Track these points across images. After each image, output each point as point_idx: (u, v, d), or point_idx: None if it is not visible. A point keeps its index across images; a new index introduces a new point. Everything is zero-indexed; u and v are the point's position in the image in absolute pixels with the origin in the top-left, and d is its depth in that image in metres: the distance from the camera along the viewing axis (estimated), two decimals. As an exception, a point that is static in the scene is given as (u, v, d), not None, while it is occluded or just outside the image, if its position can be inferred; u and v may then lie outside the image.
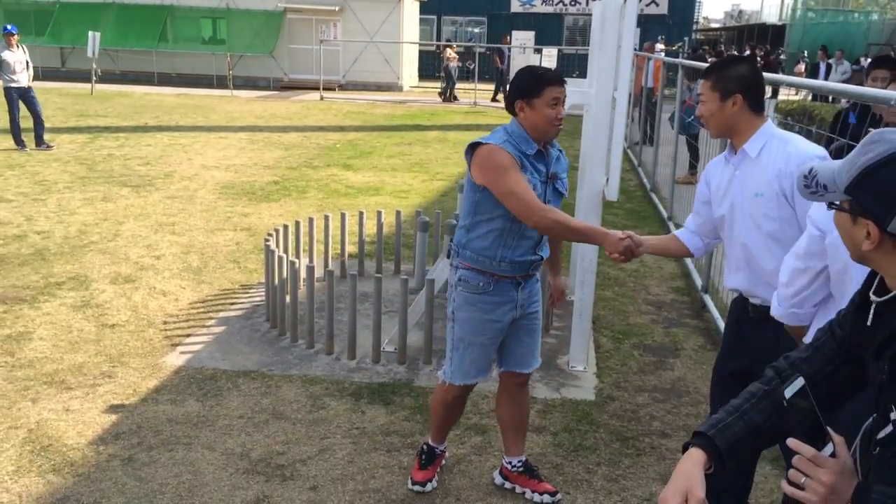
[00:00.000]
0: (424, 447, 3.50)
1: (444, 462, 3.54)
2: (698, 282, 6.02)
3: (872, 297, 1.44)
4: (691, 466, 1.53)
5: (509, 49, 22.86)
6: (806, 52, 28.74)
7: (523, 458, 3.43)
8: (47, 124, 11.51)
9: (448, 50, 22.78)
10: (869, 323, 1.42)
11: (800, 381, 1.42)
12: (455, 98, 22.36)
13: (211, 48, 25.04)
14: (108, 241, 7.03)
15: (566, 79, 3.01)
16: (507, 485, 3.44)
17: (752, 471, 2.95)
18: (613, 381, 4.54)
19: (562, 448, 3.78)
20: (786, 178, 2.51)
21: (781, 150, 2.55)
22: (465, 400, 3.40)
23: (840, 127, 4.88)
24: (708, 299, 5.70)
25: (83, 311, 5.35)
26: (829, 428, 1.41)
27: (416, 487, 3.39)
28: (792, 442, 1.39)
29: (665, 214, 8.49)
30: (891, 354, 1.35)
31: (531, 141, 2.96)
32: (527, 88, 2.93)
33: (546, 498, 3.33)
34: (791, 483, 1.37)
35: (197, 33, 25.60)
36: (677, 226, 7.86)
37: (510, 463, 3.43)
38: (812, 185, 1.42)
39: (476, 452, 3.73)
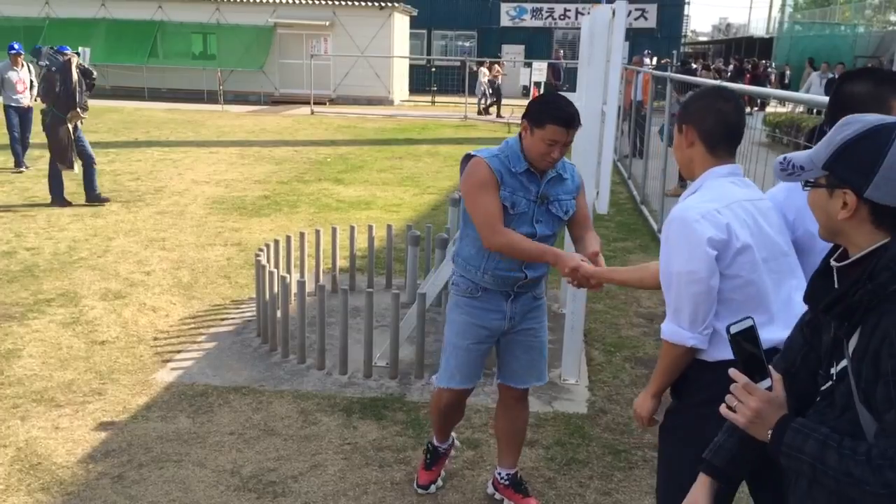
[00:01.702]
0: (429, 446, 3.55)
1: (452, 453, 3.62)
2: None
3: (832, 263, 1.56)
4: (697, 494, 1.80)
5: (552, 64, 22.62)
6: (787, 65, 29.02)
7: (512, 472, 3.43)
8: (34, 140, 11.43)
9: (496, 67, 22.78)
10: (836, 286, 1.54)
11: (748, 322, 1.56)
12: (500, 115, 22.08)
13: (201, 63, 25.06)
14: (97, 257, 7.01)
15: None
16: (497, 496, 3.46)
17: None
18: (605, 394, 4.54)
19: (554, 462, 3.77)
20: None
21: None
22: (461, 407, 3.40)
23: (816, 139, 4.93)
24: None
25: (73, 327, 5.32)
26: (770, 366, 1.59)
27: (420, 490, 3.46)
28: (732, 371, 1.57)
29: (655, 227, 8.52)
30: (837, 313, 1.48)
31: (522, 159, 2.94)
32: (535, 115, 2.87)
33: None
34: (728, 407, 1.57)
35: (187, 48, 25.61)
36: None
37: (500, 474, 3.46)
38: (788, 168, 1.54)
39: (469, 467, 3.72)
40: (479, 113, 22.45)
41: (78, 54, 9.35)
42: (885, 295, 1.41)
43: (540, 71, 21.69)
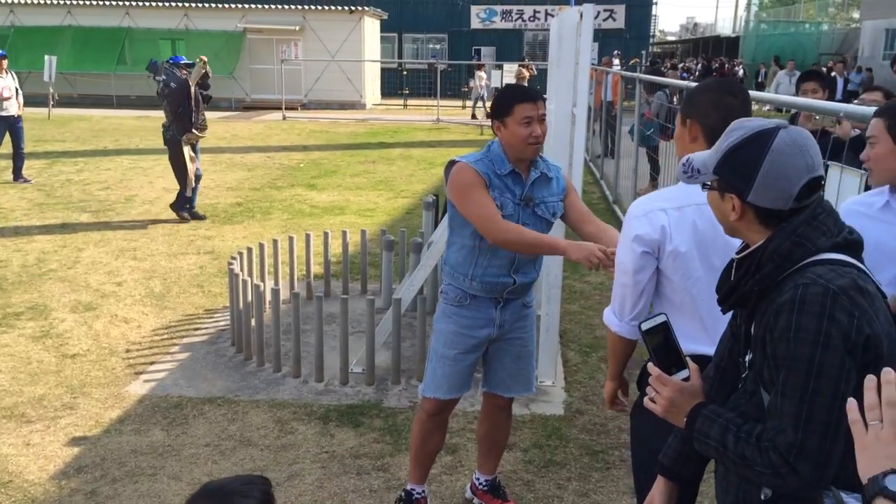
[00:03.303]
0: (402, 494, 3.37)
1: None
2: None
3: (734, 256, 1.66)
4: (653, 493, 1.88)
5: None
6: (762, 64, 29.39)
7: (491, 478, 3.43)
8: (2, 150, 11.22)
9: (523, 70, 22.36)
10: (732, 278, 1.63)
11: (660, 318, 1.66)
12: (475, 116, 21.87)
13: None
14: (67, 268, 6.91)
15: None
16: (476, 501, 3.45)
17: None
18: (582, 395, 4.56)
19: (532, 464, 3.78)
20: None
21: None
22: (444, 424, 3.29)
23: (848, 149, 4.98)
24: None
25: (42, 341, 5.23)
26: (687, 358, 1.68)
27: None
28: (648, 365, 1.68)
29: (628, 226, 8.57)
30: (732, 302, 1.60)
31: (506, 161, 2.91)
32: (499, 108, 2.89)
33: None
34: (650, 399, 1.68)
35: (156, 55, 25.23)
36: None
37: (478, 479, 3.45)
38: (689, 171, 1.62)
39: (447, 472, 3.71)
40: (473, 116, 22.06)
41: (194, 64, 8.93)
42: (771, 284, 1.52)
43: (511, 73, 21.74)
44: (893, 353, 1.48)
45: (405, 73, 28.93)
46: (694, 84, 3.26)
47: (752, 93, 4.74)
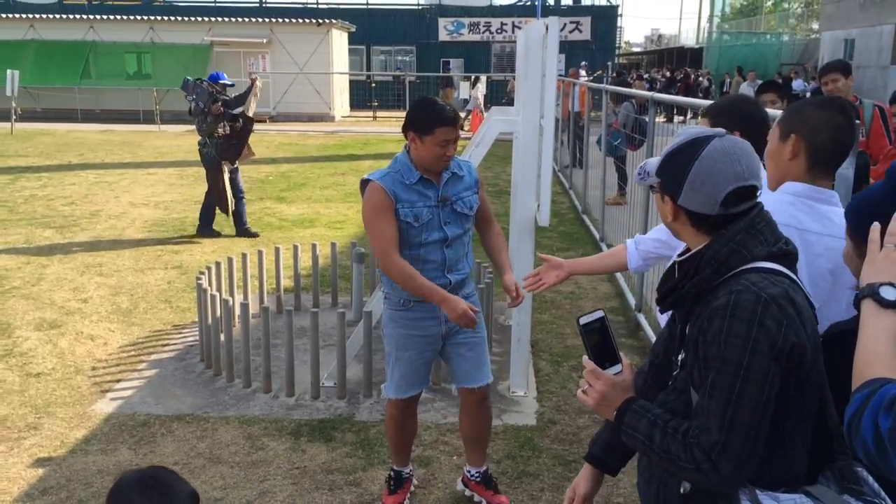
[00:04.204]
0: (391, 473, 3.54)
1: (412, 489, 3.56)
2: (632, 301, 6.14)
3: (675, 258, 1.71)
4: (579, 478, 1.96)
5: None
6: (727, 74, 29.86)
7: (482, 469, 3.53)
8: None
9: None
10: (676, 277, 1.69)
11: (598, 314, 1.71)
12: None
13: (136, 83, 24.54)
14: (31, 285, 6.77)
15: (500, 107, 3.09)
16: (468, 492, 3.55)
17: None
18: (554, 405, 4.58)
19: (506, 476, 3.77)
20: None
21: None
22: (413, 415, 3.46)
23: None
24: (642, 318, 5.81)
25: (5, 360, 5.12)
26: (621, 353, 1.74)
27: None
28: (584, 359, 1.73)
29: (597, 236, 8.65)
30: (670, 303, 1.66)
31: (414, 170, 3.07)
32: (420, 124, 3.01)
33: None
34: (583, 391, 1.73)
35: (121, 68, 25.04)
36: (609, 246, 8.03)
37: (470, 472, 3.55)
38: (642, 173, 1.69)
39: (421, 485, 3.69)
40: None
41: (233, 84, 8.74)
42: (707, 288, 1.57)
43: (479, 84, 21.85)
44: (817, 360, 1.55)
45: (374, 85, 28.95)
46: (661, 94, 3.30)
47: (685, 100, 4.80)
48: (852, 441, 1.24)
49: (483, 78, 22.84)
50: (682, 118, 18.52)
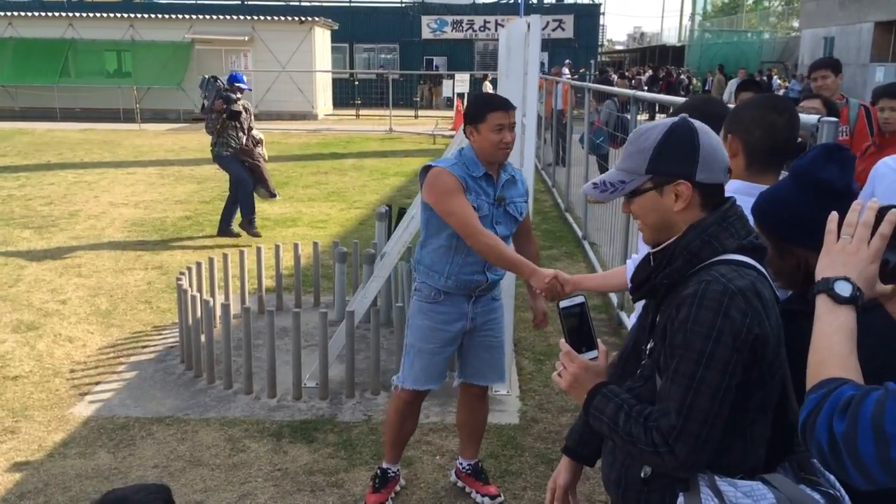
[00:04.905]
0: (378, 471, 3.56)
1: (397, 488, 3.58)
2: (615, 299, 6.15)
3: (649, 250, 1.72)
4: (557, 471, 2.00)
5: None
6: (710, 73, 30.03)
7: (474, 462, 3.60)
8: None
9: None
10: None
11: (578, 298, 1.74)
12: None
13: (116, 81, 24.30)
14: (8, 286, 6.69)
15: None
16: (459, 483, 3.62)
17: None
18: (537, 403, 4.57)
19: (489, 474, 3.76)
20: None
21: None
22: (418, 410, 3.52)
23: None
24: (624, 316, 5.82)
25: (-18, 363, 5.05)
26: (598, 340, 1.76)
27: None
28: (561, 343, 1.75)
29: (580, 234, 8.66)
30: (643, 292, 1.69)
31: (479, 164, 3.12)
32: (473, 115, 3.10)
33: (487, 500, 3.51)
34: (558, 373, 1.76)
35: (101, 67, 24.79)
36: (592, 244, 8.05)
37: (461, 464, 3.63)
38: (607, 187, 1.67)
39: (403, 488, 3.67)
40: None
41: (249, 90, 8.70)
42: (679, 279, 1.60)
43: (462, 82, 21.85)
44: (779, 352, 1.58)
45: (357, 83, 28.84)
46: (646, 93, 3.34)
47: (648, 95, 4.82)
48: (807, 443, 1.22)
49: (490, 76, 22.79)
50: (664, 116, 18.60)
